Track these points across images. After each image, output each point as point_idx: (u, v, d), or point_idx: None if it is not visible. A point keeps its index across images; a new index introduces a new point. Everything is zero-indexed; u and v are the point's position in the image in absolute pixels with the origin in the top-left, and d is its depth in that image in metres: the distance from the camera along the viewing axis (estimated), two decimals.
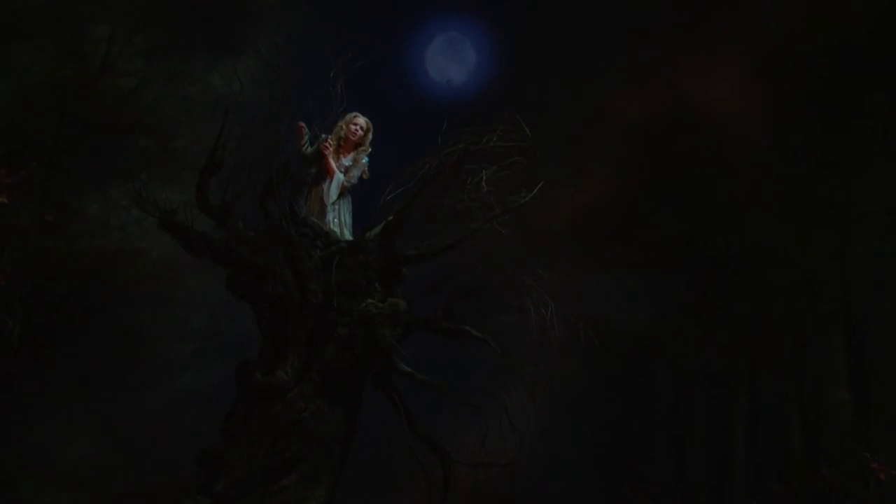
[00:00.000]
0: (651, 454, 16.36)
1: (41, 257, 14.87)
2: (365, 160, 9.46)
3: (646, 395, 16.49)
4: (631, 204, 16.39)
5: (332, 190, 9.23)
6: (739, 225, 16.11)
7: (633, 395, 16.34)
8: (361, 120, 9.47)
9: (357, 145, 9.46)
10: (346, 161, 9.37)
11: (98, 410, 15.45)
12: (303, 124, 9.25)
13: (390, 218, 8.87)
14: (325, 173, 9.27)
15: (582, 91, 16.76)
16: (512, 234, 8.74)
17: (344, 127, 9.40)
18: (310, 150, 9.33)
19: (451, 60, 17.81)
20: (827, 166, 15.81)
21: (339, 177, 9.26)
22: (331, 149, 9.31)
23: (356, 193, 9.50)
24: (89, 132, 15.61)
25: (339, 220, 9.23)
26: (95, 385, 15.49)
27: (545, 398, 8.47)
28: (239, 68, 9.11)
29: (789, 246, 16.07)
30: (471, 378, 8.69)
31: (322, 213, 9.17)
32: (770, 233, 16.09)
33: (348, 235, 9.23)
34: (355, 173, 9.39)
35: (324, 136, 9.34)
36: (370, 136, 9.52)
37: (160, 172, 14.47)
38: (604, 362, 13.21)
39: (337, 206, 9.26)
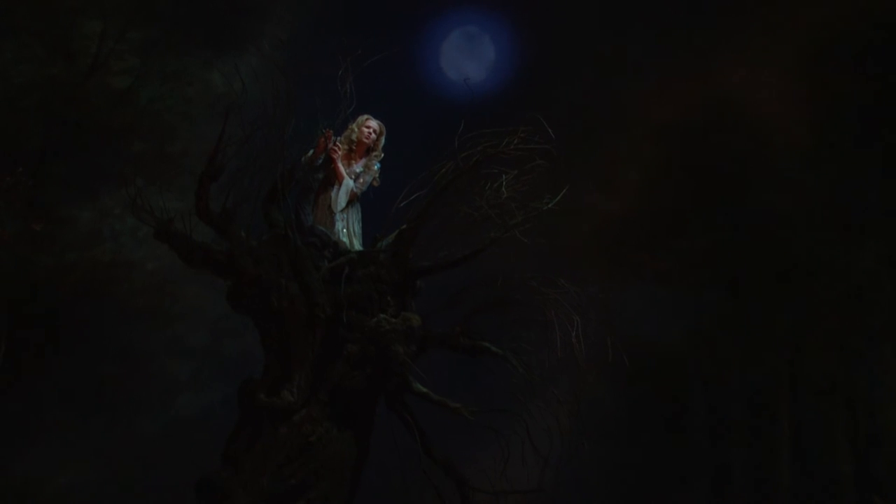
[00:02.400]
0: (686, 481, 16.33)
1: (28, 270, 14.97)
2: (377, 166, 9.53)
3: (680, 418, 16.46)
4: (662, 210, 16.39)
5: (342, 197, 9.29)
6: (781, 232, 16.07)
7: (665, 417, 16.32)
8: (374, 123, 9.54)
9: (369, 150, 9.52)
10: (357, 167, 9.44)
11: (89, 435, 15.51)
12: (329, 130, 9.32)
13: (403, 226, 8.91)
14: (334, 179, 9.33)
15: (610, 89, 16.79)
16: (534, 243, 8.76)
17: (356, 130, 9.46)
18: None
19: (468, 56, 17.88)
20: (877, 168, 15.76)
21: (348, 183, 9.32)
22: (340, 153, 9.38)
23: (367, 200, 9.57)
24: (80, 135, 15.68)
25: (348, 230, 9.28)
26: (86, 407, 15.55)
27: (571, 420, 8.49)
28: (240, 66, 9.16)
29: (836, 255, 16.01)
30: (491, 399, 8.71)
31: (330, 221, 9.22)
32: (815, 241, 16.03)
33: (358, 245, 9.28)
34: (366, 179, 9.46)
35: (333, 138, 9.40)
36: (383, 140, 9.59)
37: (156, 178, 14.51)
38: (634, 381, 13.27)
39: (346, 215, 9.32)
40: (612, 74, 16.89)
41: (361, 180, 9.41)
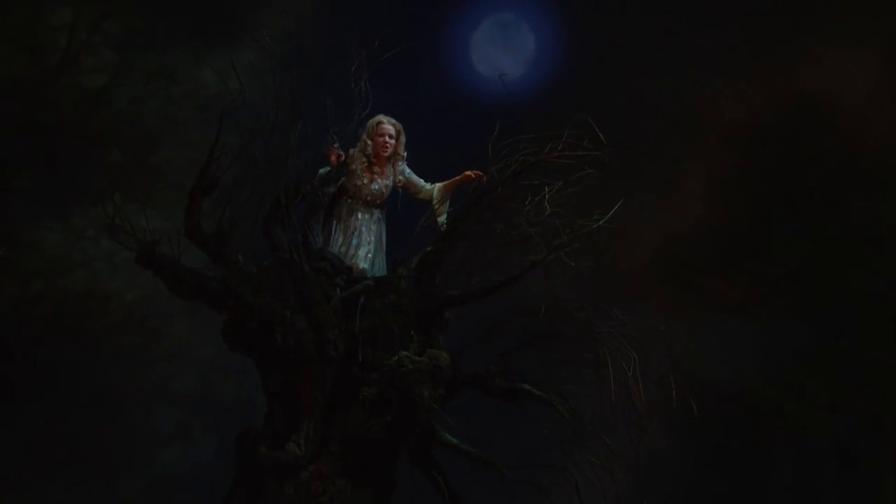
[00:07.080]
0: None
1: None
2: (404, 172, 9.62)
3: (757, 474, 16.40)
4: (736, 228, 16.39)
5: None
6: (879, 253, 16.03)
7: (740, 474, 16.26)
8: (388, 127, 9.52)
9: (391, 156, 9.58)
10: (382, 180, 9.54)
11: (57, 496, 15.57)
12: (338, 150, 9.41)
13: (429, 249, 8.99)
14: (350, 194, 9.45)
15: (673, 85, 16.82)
16: (583, 267, 8.80)
17: (370, 143, 9.49)
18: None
19: (503, 49, 17.97)
20: None
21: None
22: (363, 176, 9.49)
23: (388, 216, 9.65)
24: (47, 143, 15.81)
25: (372, 246, 9.38)
26: (53, 464, 15.63)
27: (627, 475, 8.52)
28: (236, 62, 9.24)
29: None
30: (532, 451, 8.75)
31: (346, 242, 9.32)
32: None
33: (380, 270, 9.35)
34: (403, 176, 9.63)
35: (340, 152, 9.47)
36: (403, 138, 9.61)
37: (137, 193, 14.61)
38: (703, 431, 13.25)
39: (369, 234, 9.41)
40: (676, 68, 16.91)
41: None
